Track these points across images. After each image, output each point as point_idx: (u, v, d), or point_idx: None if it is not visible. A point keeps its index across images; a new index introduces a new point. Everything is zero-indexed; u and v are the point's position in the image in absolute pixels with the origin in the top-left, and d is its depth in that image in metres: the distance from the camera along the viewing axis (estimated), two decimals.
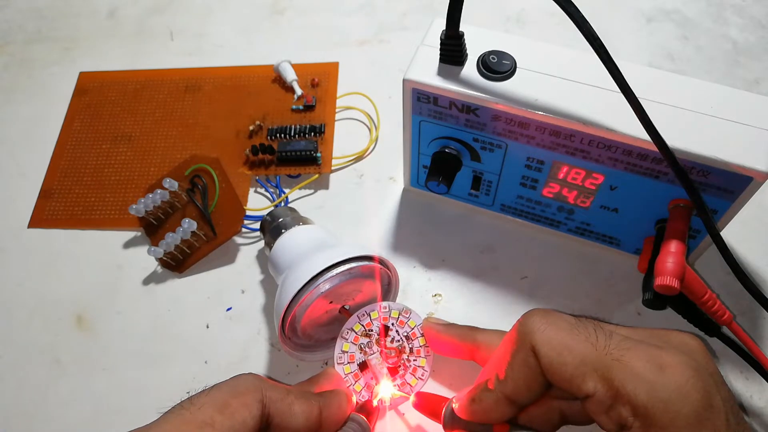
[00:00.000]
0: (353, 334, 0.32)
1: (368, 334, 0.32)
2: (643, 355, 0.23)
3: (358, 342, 0.32)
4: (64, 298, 0.41)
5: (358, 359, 0.32)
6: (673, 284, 0.30)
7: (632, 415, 0.22)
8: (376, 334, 0.32)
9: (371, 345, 0.32)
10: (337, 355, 0.32)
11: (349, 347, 0.32)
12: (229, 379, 0.27)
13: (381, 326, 0.33)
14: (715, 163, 0.31)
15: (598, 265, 0.41)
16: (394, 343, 0.32)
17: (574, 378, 0.23)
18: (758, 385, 0.36)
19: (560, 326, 0.25)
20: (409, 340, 0.32)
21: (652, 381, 0.22)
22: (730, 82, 0.50)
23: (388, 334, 0.32)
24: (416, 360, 0.32)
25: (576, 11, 0.27)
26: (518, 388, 0.25)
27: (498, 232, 0.42)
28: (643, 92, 0.29)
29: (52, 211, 0.45)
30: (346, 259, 0.32)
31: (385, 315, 0.32)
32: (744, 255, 0.41)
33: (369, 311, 0.32)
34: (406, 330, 0.32)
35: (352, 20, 0.56)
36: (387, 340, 0.32)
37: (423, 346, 0.33)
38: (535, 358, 0.24)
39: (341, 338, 0.32)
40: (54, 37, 0.57)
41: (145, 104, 0.50)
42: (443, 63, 0.34)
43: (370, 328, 0.32)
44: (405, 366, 0.32)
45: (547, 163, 0.36)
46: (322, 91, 0.49)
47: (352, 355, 0.32)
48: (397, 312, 0.32)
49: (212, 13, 0.58)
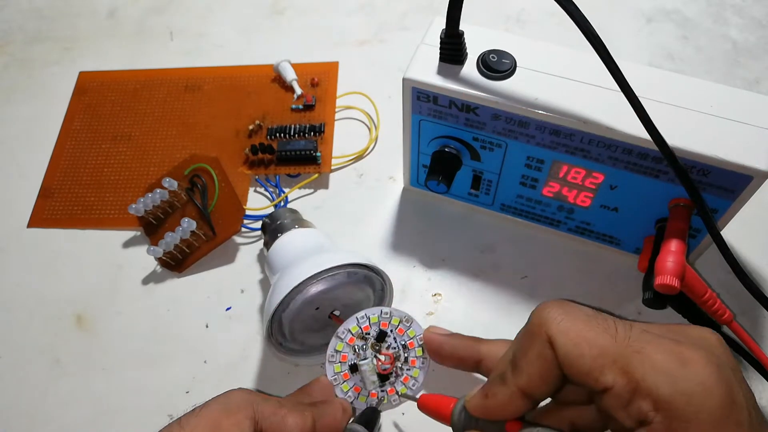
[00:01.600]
0: (349, 334, 0.32)
1: (364, 337, 0.32)
2: (664, 349, 0.22)
3: (353, 343, 0.32)
4: (63, 298, 0.41)
5: (351, 360, 0.32)
6: (673, 283, 0.30)
7: (653, 410, 0.22)
8: (372, 338, 0.32)
9: (365, 348, 0.32)
10: (329, 354, 0.31)
11: (342, 347, 0.32)
12: (219, 396, 0.27)
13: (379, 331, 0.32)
14: (715, 162, 0.31)
15: (598, 265, 0.41)
16: (390, 350, 0.32)
17: (592, 370, 0.23)
18: (758, 385, 0.36)
19: (578, 317, 0.24)
20: (406, 350, 0.32)
21: (674, 374, 0.22)
22: (730, 82, 0.50)
23: (386, 340, 0.32)
24: (410, 370, 0.32)
25: (576, 10, 0.27)
26: (534, 382, 0.24)
27: (498, 231, 0.42)
28: (643, 91, 0.29)
29: (52, 211, 0.45)
30: (335, 266, 0.32)
31: (385, 321, 0.32)
32: (744, 254, 0.41)
33: (369, 314, 0.32)
34: (404, 338, 0.32)
35: (352, 20, 0.56)
36: (383, 345, 0.32)
37: (419, 357, 0.32)
38: (552, 349, 0.24)
39: (336, 337, 0.32)
40: (54, 37, 0.57)
41: (144, 104, 0.50)
42: (443, 62, 0.34)
43: (368, 332, 0.32)
44: (397, 374, 0.31)
45: (547, 162, 0.36)
46: (321, 90, 0.49)
47: (344, 355, 0.31)
48: (399, 319, 0.32)
49: (212, 13, 0.58)
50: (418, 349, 0.32)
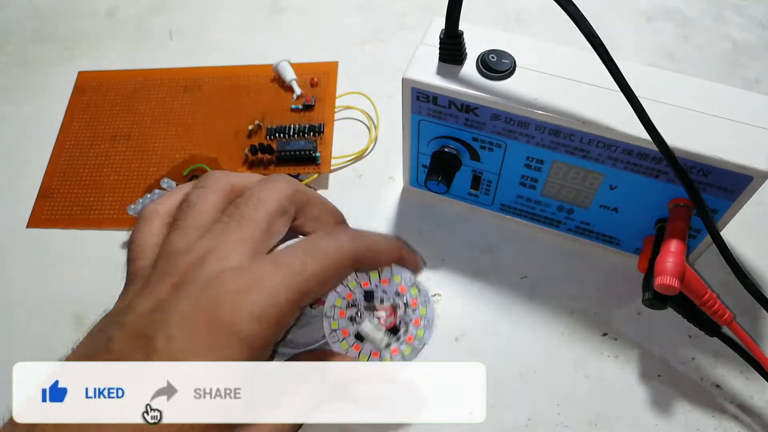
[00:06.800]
0: (337, 309, 0.30)
1: (354, 304, 0.30)
2: None
3: (345, 316, 0.30)
4: (63, 298, 0.41)
5: (353, 332, 0.30)
6: (673, 284, 0.30)
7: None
8: (361, 301, 0.30)
9: (361, 313, 0.30)
10: (327, 335, 0.30)
11: (338, 324, 0.30)
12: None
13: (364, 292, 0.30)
14: (715, 162, 0.31)
15: (597, 265, 0.41)
16: (384, 304, 0.30)
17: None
18: (758, 385, 0.36)
19: None
20: (400, 296, 0.30)
21: None
22: (730, 82, 0.50)
23: (374, 297, 0.30)
24: (415, 311, 0.30)
25: (576, 10, 0.27)
26: None
27: (498, 231, 0.42)
28: (642, 91, 0.29)
29: (51, 211, 0.45)
30: None
31: (365, 280, 0.30)
32: (744, 255, 0.41)
33: (345, 282, 0.30)
34: (393, 287, 0.30)
35: (352, 20, 0.56)
36: (376, 303, 0.30)
37: (418, 296, 0.30)
38: None
39: (326, 318, 0.30)
40: (53, 36, 0.57)
41: (143, 104, 0.50)
42: (442, 62, 0.34)
43: (353, 299, 0.30)
44: (405, 322, 0.30)
45: (546, 162, 0.36)
46: (321, 90, 0.49)
47: (344, 330, 0.30)
48: (376, 273, 0.30)
49: (212, 12, 0.57)
50: (413, 288, 0.30)
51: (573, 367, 0.37)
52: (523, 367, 0.37)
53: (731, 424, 0.35)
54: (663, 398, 0.36)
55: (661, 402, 0.36)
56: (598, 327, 0.38)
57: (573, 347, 0.38)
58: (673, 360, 0.37)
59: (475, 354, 0.38)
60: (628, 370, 0.37)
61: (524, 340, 0.38)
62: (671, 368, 0.37)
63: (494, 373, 0.35)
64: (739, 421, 0.35)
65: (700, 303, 0.32)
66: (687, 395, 0.36)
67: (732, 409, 0.35)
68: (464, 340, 0.38)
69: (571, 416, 0.35)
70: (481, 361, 0.33)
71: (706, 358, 0.37)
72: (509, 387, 0.36)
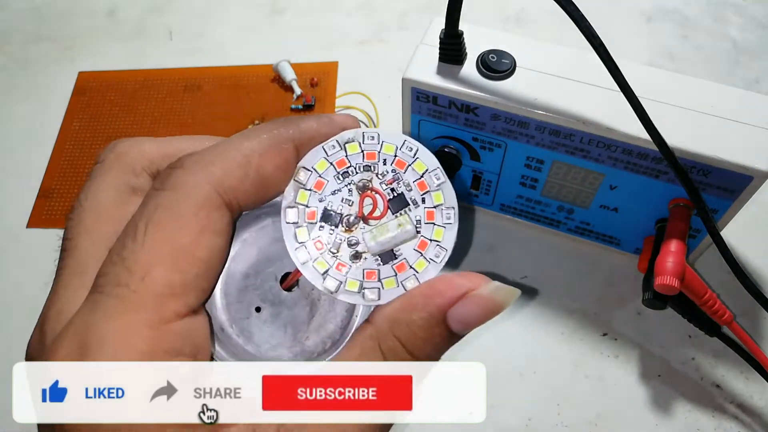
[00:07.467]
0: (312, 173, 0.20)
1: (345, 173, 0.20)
2: None
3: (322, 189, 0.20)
4: None
5: (340, 210, 0.20)
6: (673, 284, 0.30)
7: None
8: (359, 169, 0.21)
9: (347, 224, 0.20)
10: (285, 209, 0.20)
11: (307, 197, 0.20)
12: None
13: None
14: (715, 162, 0.31)
15: (598, 265, 0.41)
16: (388, 175, 0.21)
17: None
18: (758, 385, 0.36)
19: None
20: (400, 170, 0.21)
21: None
22: (730, 82, 0.50)
23: (376, 168, 0.21)
24: (428, 193, 0.22)
25: (576, 10, 0.27)
26: None
27: (498, 231, 0.42)
28: (642, 91, 0.29)
29: (51, 211, 0.45)
30: None
31: (373, 150, 0.21)
32: (744, 255, 0.41)
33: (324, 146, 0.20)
34: (386, 157, 0.21)
35: (352, 20, 0.56)
36: (376, 174, 0.21)
37: (428, 172, 0.22)
38: None
39: (295, 182, 0.20)
40: (53, 37, 0.57)
41: (144, 104, 0.50)
42: (442, 62, 0.34)
43: (345, 167, 0.20)
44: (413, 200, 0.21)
45: (546, 162, 0.36)
46: (321, 90, 0.49)
47: (312, 212, 0.20)
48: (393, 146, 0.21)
49: (212, 12, 0.57)
50: (418, 162, 0.21)
51: (573, 367, 0.37)
52: (523, 367, 0.37)
53: (731, 424, 0.35)
54: (663, 398, 0.36)
55: (661, 402, 0.36)
56: (598, 327, 0.38)
57: (573, 347, 0.38)
58: (673, 360, 0.37)
59: (475, 354, 0.38)
60: (628, 370, 0.37)
61: (524, 340, 0.38)
62: (671, 368, 0.37)
63: (494, 373, 0.35)
64: (739, 421, 0.35)
65: (700, 303, 0.32)
66: (687, 395, 0.36)
67: (732, 409, 0.35)
68: (464, 340, 0.38)
69: (571, 416, 0.35)
70: (481, 361, 0.33)
71: (706, 358, 0.37)
72: (509, 387, 0.36)
